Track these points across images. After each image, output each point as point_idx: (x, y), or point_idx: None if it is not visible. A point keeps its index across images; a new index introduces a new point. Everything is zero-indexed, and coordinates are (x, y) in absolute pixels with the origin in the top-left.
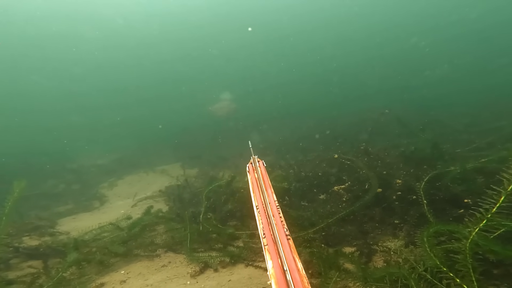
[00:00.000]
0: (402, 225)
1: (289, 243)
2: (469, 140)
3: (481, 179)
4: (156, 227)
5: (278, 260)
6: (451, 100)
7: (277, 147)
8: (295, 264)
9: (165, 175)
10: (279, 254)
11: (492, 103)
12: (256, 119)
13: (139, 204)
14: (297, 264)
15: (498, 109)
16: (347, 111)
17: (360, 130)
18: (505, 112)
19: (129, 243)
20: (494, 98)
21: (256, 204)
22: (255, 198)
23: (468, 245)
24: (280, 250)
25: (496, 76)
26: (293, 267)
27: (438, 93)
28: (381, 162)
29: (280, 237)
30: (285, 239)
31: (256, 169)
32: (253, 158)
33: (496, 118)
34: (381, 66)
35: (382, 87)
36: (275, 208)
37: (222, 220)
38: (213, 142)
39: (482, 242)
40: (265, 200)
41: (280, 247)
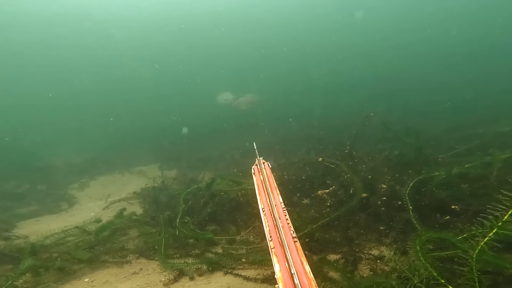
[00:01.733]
0: (388, 232)
1: (296, 245)
2: (449, 146)
3: (465, 185)
4: (129, 231)
5: (285, 263)
6: (431, 107)
7: (259, 150)
8: (303, 267)
9: (142, 177)
10: (286, 257)
11: (469, 110)
12: (239, 122)
13: (112, 207)
14: (305, 267)
15: (475, 116)
16: (332, 114)
17: (344, 133)
18: (482, 120)
19: (96, 248)
20: (472, 105)
21: (262, 206)
22: (261, 201)
23: (475, 256)
24: (287, 253)
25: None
26: (301, 270)
27: (419, 98)
28: (365, 166)
29: (287, 240)
30: (292, 242)
31: (261, 170)
32: (258, 159)
33: (473, 125)
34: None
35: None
36: (281, 211)
37: (201, 224)
38: (194, 143)
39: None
40: (271, 202)
41: (287, 250)
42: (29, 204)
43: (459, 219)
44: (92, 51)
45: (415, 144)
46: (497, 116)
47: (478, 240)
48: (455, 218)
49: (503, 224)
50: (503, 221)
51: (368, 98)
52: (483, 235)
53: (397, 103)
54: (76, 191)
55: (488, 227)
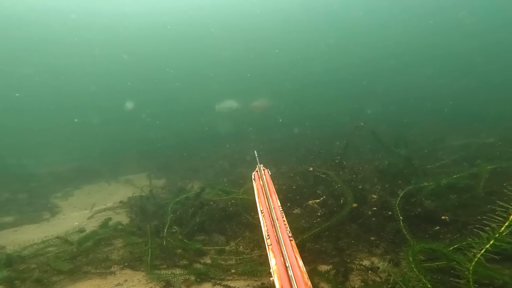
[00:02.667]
0: (379, 242)
1: (292, 243)
2: (437, 156)
3: (453, 195)
4: (114, 241)
5: (281, 258)
6: (418, 118)
7: (249, 159)
8: (297, 261)
9: (129, 186)
10: (282, 252)
11: (454, 123)
12: (229, 132)
13: (97, 216)
14: (298, 262)
15: (461, 128)
16: (323, 124)
17: (335, 143)
18: (467, 131)
19: (78, 259)
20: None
21: (261, 208)
22: (260, 203)
23: (471, 268)
24: (283, 249)
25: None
26: (295, 264)
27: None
28: (356, 176)
29: (283, 238)
30: (288, 240)
31: (261, 176)
32: (259, 166)
33: (459, 137)
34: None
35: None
36: (279, 213)
37: (189, 234)
38: (184, 152)
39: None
40: (269, 204)
41: (283, 247)
42: (8, 213)
43: (448, 229)
44: (77, 54)
45: (404, 154)
46: (480, 128)
47: (475, 252)
48: (445, 228)
49: (500, 236)
50: (499, 233)
51: (358, 107)
52: (480, 247)
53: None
54: (60, 200)
55: (485, 239)
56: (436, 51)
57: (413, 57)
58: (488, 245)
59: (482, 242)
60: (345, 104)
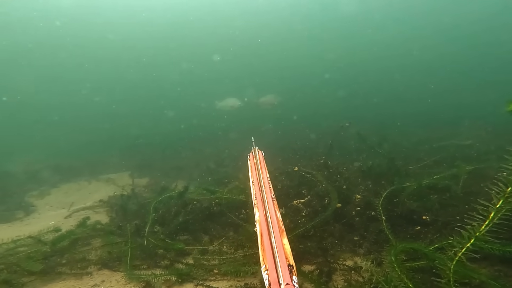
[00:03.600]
0: (362, 242)
1: (274, 202)
2: (418, 157)
3: (434, 196)
4: (92, 240)
5: (263, 211)
6: (401, 119)
7: (234, 159)
8: (275, 213)
9: (110, 184)
10: (264, 208)
11: (436, 124)
12: (215, 131)
13: (75, 215)
14: (277, 214)
15: (442, 130)
16: (308, 125)
17: (320, 143)
18: (446, 133)
19: (52, 259)
20: (439, 120)
21: (252, 179)
22: (251, 175)
23: (452, 268)
24: (265, 206)
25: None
26: (273, 214)
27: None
28: (340, 176)
29: (267, 198)
30: (270, 200)
31: (255, 156)
32: (254, 149)
33: (439, 139)
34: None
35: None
36: (266, 181)
37: (171, 234)
38: (168, 151)
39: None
40: (259, 176)
41: (266, 204)
42: None
43: (429, 229)
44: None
45: (387, 155)
46: (460, 130)
47: (456, 251)
48: (426, 228)
49: (480, 235)
50: (480, 232)
51: (341, 110)
52: (461, 246)
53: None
54: (35, 199)
55: (466, 238)
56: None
57: (394, 61)
58: (469, 244)
59: (463, 242)
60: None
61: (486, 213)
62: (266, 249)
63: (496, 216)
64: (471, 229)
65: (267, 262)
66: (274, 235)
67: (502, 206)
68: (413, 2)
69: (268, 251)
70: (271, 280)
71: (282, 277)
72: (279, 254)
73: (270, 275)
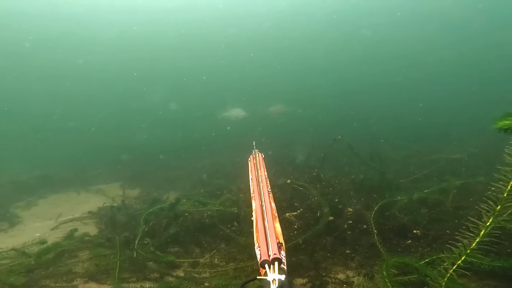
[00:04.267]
0: (354, 256)
1: (270, 195)
2: (409, 171)
3: (424, 209)
4: (79, 253)
5: (259, 201)
6: (391, 133)
7: (227, 170)
8: (270, 203)
9: (100, 195)
10: (260, 199)
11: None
12: (206, 142)
13: (62, 227)
14: (271, 203)
15: (431, 144)
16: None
17: (313, 156)
18: (437, 147)
19: (36, 272)
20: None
21: (251, 177)
22: (251, 173)
23: (444, 284)
24: (262, 198)
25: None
26: (268, 203)
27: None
28: (332, 189)
29: (264, 191)
30: (267, 192)
31: (255, 158)
32: (254, 151)
33: (429, 152)
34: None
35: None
36: (264, 178)
37: (162, 246)
38: (160, 161)
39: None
40: (258, 174)
41: (262, 196)
42: None
43: (420, 243)
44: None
45: (379, 168)
46: (448, 144)
47: (447, 267)
48: (416, 242)
49: (471, 252)
50: (471, 249)
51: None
52: (452, 262)
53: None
54: (21, 210)
55: (458, 255)
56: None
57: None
58: (460, 261)
59: (454, 257)
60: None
61: (477, 230)
62: (260, 230)
63: (486, 233)
64: (462, 246)
65: (259, 240)
66: (267, 219)
67: (491, 224)
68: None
69: (261, 231)
70: (262, 252)
71: (271, 249)
72: (270, 233)
73: (261, 249)
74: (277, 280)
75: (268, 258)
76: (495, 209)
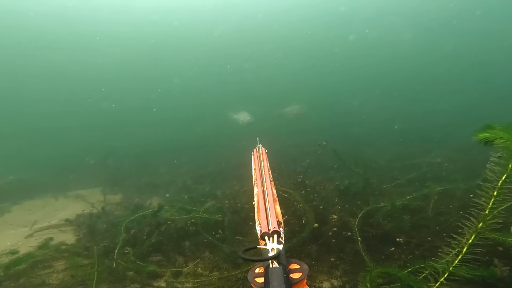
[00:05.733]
0: (338, 263)
1: (271, 183)
2: (393, 176)
3: (407, 216)
4: (54, 263)
5: (261, 187)
6: (375, 137)
7: (212, 176)
8: (271, 189)
9: (80, 201)
10: (262, 184)
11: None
12: (189, 146)
13: (37, 235)
14: (273, 189)
15: (412, 147)
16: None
17: (297, 162)
18: (419, 151)
19: (4, 284)
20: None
21: (254, 167)
22: (254, 164)
23: None
24: (264, 184)
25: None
26: (269, 188)
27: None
28: (317, 195)
29: (266, 179)
30: (268, 180)
31: (258, 151)
32: (258, 146)
33: (411, 156)
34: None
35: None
36: (267, 169)
37: (143, 255)
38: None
39: None
40: (260, 165)
41: (264, 183)
42: None
43: (403, 250)
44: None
45: (363, 174)
46: (430, 148)
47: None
48: (399, 249)
49: (454, 269)
50: (454, 266)
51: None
52: (435, 279)
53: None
54: None
55: (441, 272)
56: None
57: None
58: (443, 278)
59: (437, 272)
60: None
61: (459, 248)
62: (261, 210)
63: (468, 249)
64: (445, 263)
65: (260, 218)
66: (268, 201)
67: (473, 241)
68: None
69: (262, 211)
70: (262, 226)
71: (271, 224)
72: (270, 211)
73: (262, 224)
74: (276, 249)
75: (268, 231)
76: (477, 226)
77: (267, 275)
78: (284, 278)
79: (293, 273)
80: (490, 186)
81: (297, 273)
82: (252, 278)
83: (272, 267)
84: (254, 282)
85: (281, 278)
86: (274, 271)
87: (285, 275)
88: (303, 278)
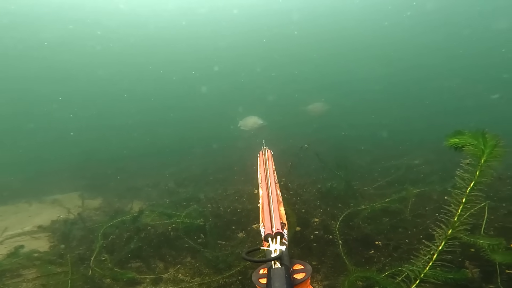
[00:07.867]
0: (320, 267)
1: (276, 185)
2: (373, 178)
3: (386, 218)
4: (24, 271)
5: (266, 189)
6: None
7: (196, 179)
8: (276, 191)
9: (56, 207)
10: (267, 186)
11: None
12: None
13: (8, 242)
14: (277, 191)
15: (392, 149)
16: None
17: (281, 164)
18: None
19: None
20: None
21: (260, 169)
22: (259, 166)
23: None
24: (269, 185)
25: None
26: (274, 190)
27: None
28: (299, 198)
29: (271, 181)
30: (273, 182)
31: (264, 153)
32: (264, 148)
33: (390, 158)
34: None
35: None
36: (272, 172)
37: (122, 262)
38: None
39: None
40: (266, 167)
41: (269, 184)
42: None
43: (382, 253)
44: None
45: (344, 177)
46: (410, 149)
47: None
48: (379, 252)
49: (425, 275)
50: (425, 272)
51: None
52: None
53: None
54: None
55: (413, 279)
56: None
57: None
58: (414, 285)
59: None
60: None
61: (429, 255)
62: (265, 212)
63: (439, 256)
64: (417, 270)
65: (264, 219)
66: (272, 203)
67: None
68: None
69: (266, 212)
70: (266, 228)
71: (274, 226)
72: (274, 214)
73: (266, 226)
74: (278, 250)
75: (271, 232)
76: (446, 233)
77: (269, 276)
78: (286, 279)
79: (296, 274)
80: (459, 192)
81: (300, 274)
82: (257, 279)
83: (275, 268)
84: (258, 283)
85: (282, 279)
86: (276, 272)
87: (287, 276)
88: (306, 279)
